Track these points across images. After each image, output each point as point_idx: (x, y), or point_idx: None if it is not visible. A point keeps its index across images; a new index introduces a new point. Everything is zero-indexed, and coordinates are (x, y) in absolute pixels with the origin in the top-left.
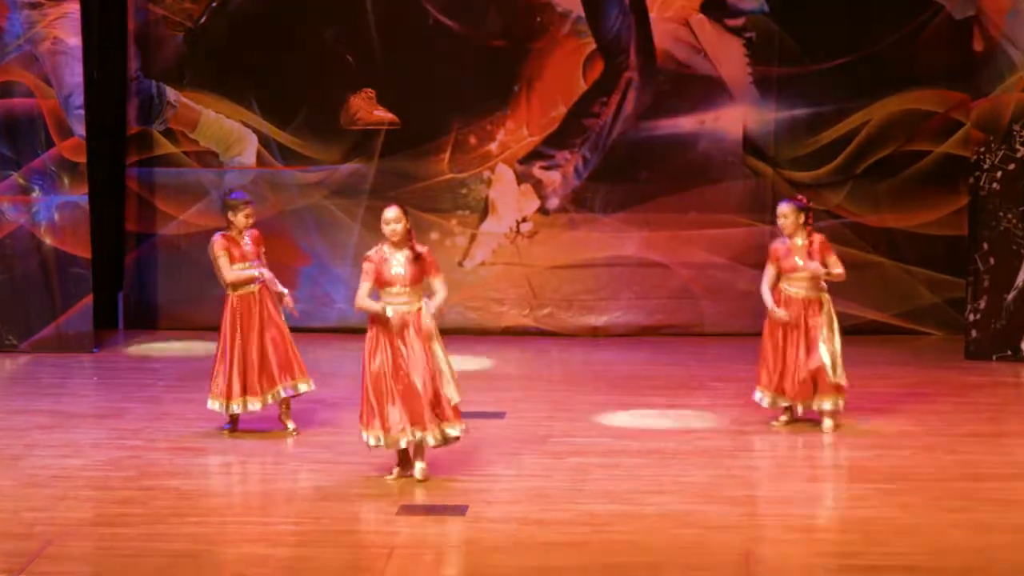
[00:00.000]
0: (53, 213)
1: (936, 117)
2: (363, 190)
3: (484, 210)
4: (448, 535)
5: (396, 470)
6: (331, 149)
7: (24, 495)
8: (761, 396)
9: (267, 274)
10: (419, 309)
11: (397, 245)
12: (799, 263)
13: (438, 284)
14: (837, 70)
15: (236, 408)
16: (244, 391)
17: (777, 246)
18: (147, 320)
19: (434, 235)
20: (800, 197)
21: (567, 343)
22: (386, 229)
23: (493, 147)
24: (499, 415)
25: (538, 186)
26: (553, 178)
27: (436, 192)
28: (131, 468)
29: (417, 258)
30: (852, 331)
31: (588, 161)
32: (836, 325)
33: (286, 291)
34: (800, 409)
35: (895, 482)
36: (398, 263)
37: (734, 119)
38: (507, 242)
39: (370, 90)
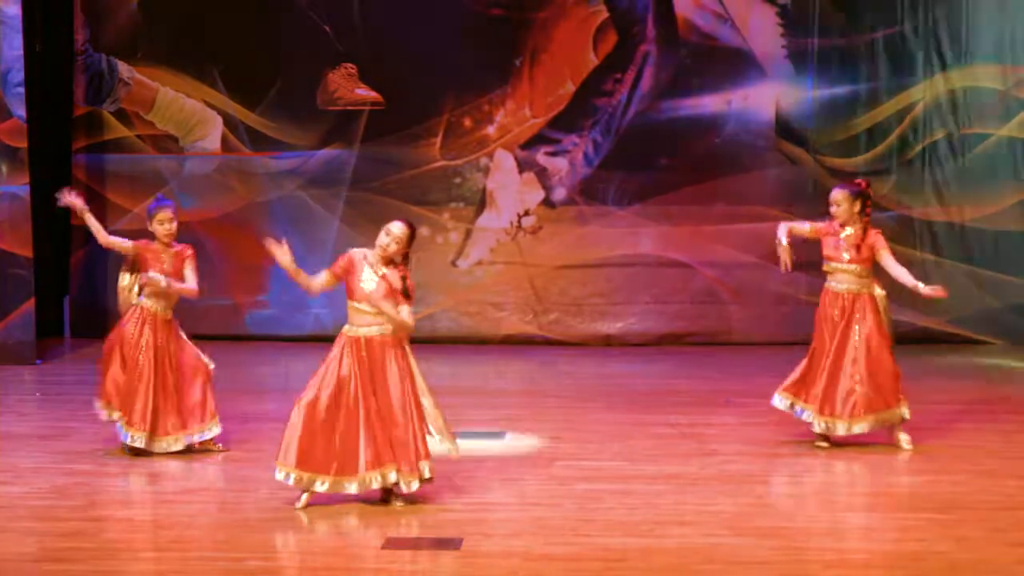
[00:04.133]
0: None
1: (997, 95)
2: (343, 179)
3: (481, 202)
4: (440, 572)
5: (306, 496)
6: (306, 133)
7: None
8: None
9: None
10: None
11: (386, 262)
12: (845, 257)
13: (406, 312)
14: (883, 42)
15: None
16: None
17: (824, 224)
18: (96, 328)
19: (424, 230)
20: (858, 181)
21: (576, 353)
22: (384, 240)
23: (491, 130)
24: (498, 435)
25: (542, 175)
26: (559, 166)
27: (426, 182)
28: (78, 496)
29: (400, 280)
30: (900, 339)
31: (599, 146)
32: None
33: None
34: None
35: (950, 512)
36: (373, 278)
37: (765, 98)
38: (507, 239)
39: (351, 65)
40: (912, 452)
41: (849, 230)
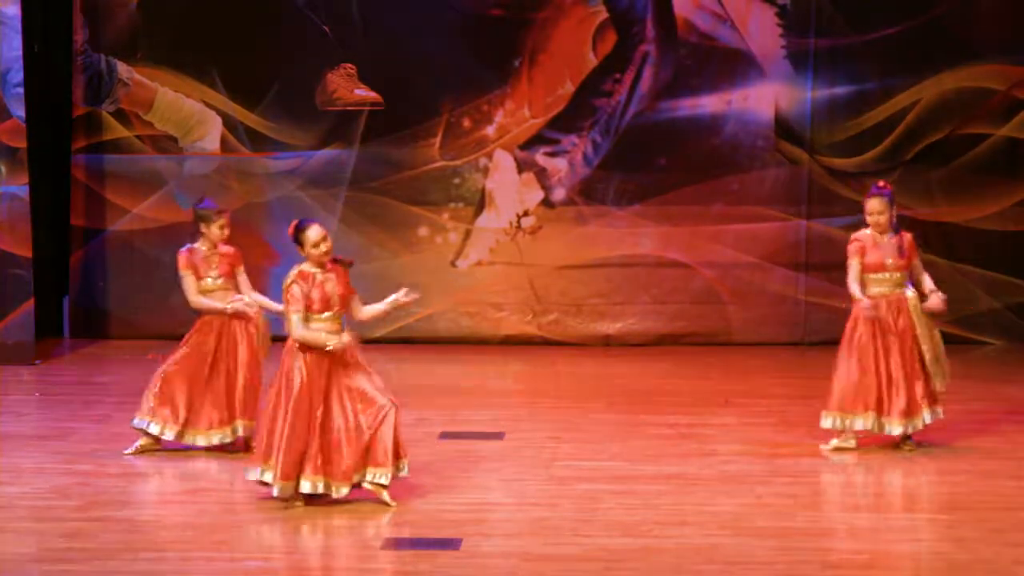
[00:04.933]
0: None
1: (997, 96)
2: (342, 179)
3: (480, 202)
4: (439, 572)
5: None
6: (306, 133)
7: None
8: (854, 420)
9: (240, 305)
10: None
11: (323, 266)
12: (888, 262)
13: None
14: (883, 42)
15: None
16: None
17: (862, 238)
18: (95, 328)
19: (423, 231)
20: (884, 185)
21: (575, 353)
22: (316, 252)
23: (490, 131)
24: (498, 435)
25: (542, 175)
26: (559, 166)
27: (426, 182)
28: (78, 496)
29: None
30: None
31: (599, 146)
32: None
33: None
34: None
35: (950, 512)
36: (330, 283)
37: (765, 98)
38: (507, 239)
39: (350, 65)
40: (911, 453)
41: (886, 237)
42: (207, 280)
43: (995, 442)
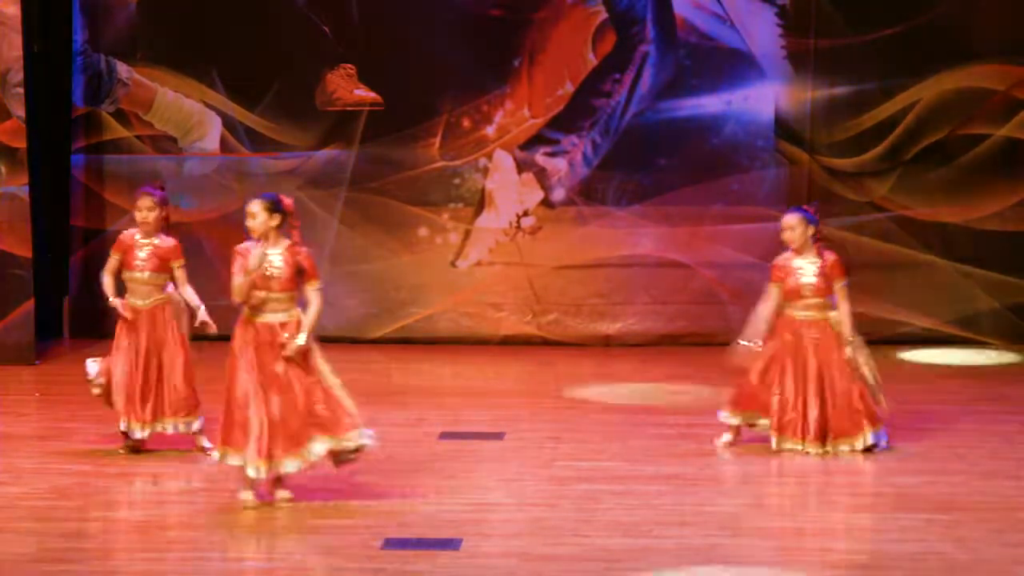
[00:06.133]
0: None
1: (996, 96)
2: (342, 180)
3: (480, 203)
4: (438, 572)
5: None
6: (305, 133)
7: None
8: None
9: (116, 304)
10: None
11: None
12: (808, 285)
13: (313, 291)
14: (883, 42)
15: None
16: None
17: (781, 263)
18: (95, 328)
19: (423, 231)
20: (809, 208)
21: (575, 354)
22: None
23: (490, 131)
24: (497, 436)
25: (541, 175)
26: (559, 166)
27: (425, 182)
28: (78, 496)
29: (296, 256)
30: (900, 340)
31: (598, 146)
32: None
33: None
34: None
35: (949, 512)
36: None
37: (765, 98)
38: (506, 239)
39: (349, 66)
40: (911, 453)
41: (807, 259)
42: (134, 272)
43: (994, 442)
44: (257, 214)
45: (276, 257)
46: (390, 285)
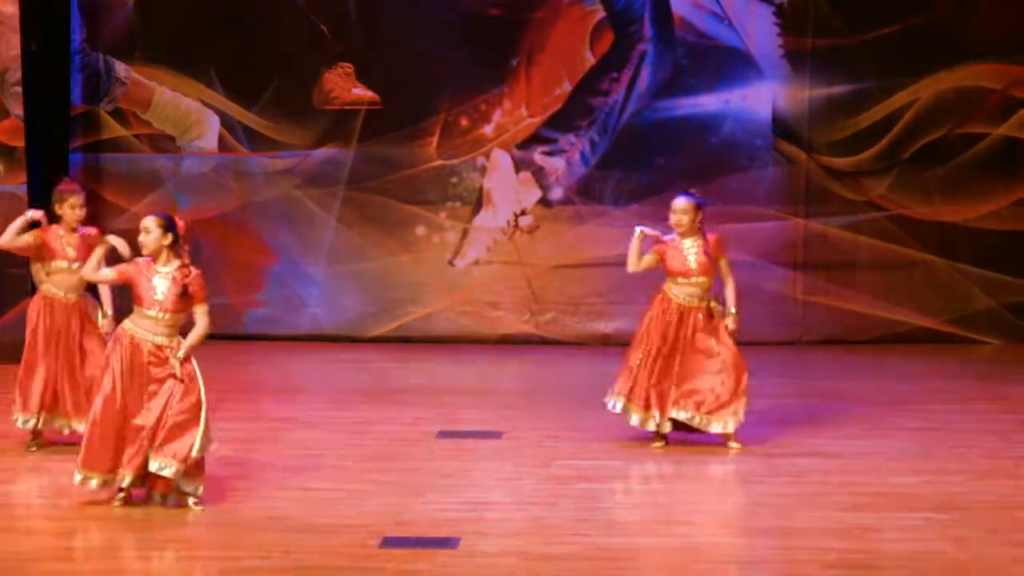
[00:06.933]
0: None
1: (994, 95)
2: (340, 179)
3: (478, 202)
4: (437, 571)
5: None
6: (303, 132)
7: None
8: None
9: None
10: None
11: (158, 259)
12: (692, 266)
13: (201, 314)
14: (880, 42)
15: (23, 423)
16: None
17: (666, 241)
18: None
19: (421, 230)
20: (695, 192)
21: (573, 353)
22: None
23: (488, 130)
24: (495, 435)
25: (539, 174)
26: (556, 165)
27: (423, 181)
28: (77, 495)
29: (185, 279)
30: (897, 339)
31: (596, 145)
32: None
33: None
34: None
35: (947, 511)
36: (161, 282)
37: (763, 98)
38: (504, 238)
39: (347, 65)
40: (911, 451)
41: (690, 241)
42: (62, 263)
43: (994, 441)
44: (151, 230)
45: (163, 278)
46: (388, 284)
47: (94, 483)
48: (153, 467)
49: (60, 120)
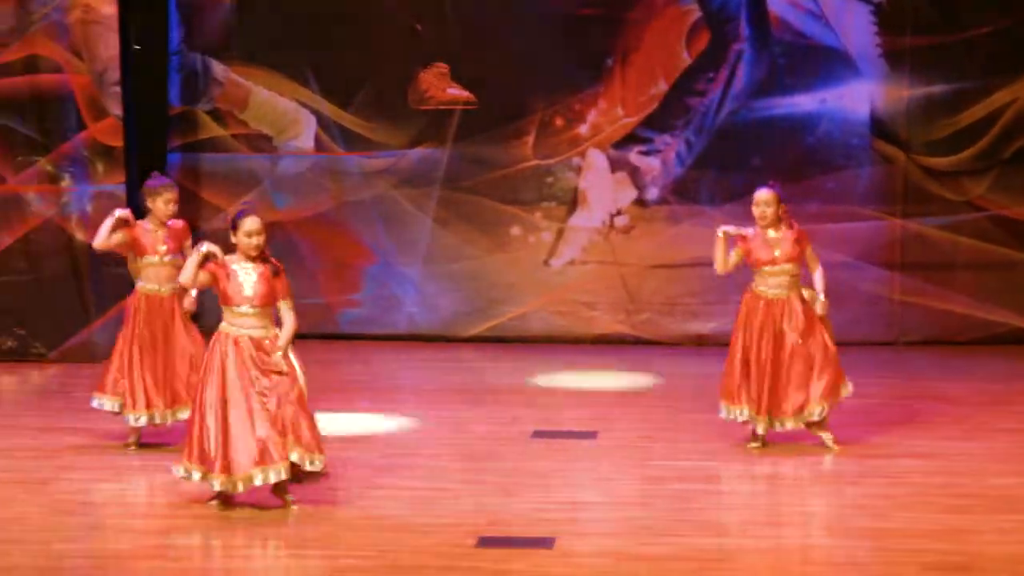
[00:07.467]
0: (86, 204)
1: None
2: (435, 179)
3: (573, 201)
4: (533, 571)
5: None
6: (399, 132)
7: (53, 524)
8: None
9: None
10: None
11: (252, 258)
12: (777, 254)
13: (286, 310)
14: (980, 40)
15: (134, 420)
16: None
17: (748, 235)
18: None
19: (516, 230)
20: (775, 183)
21: (668, 353)
22: (248, 242)
23: (583, 130)
24: (590, 435)
25: (635, 174)
26: (652, 165)
27: (518, 181)
28: (175, 494)
29: (275, 274)
30: (996, 340)
31: (692, 145)
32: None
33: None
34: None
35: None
36: (248, 278)
37: (860, 97)
38: (599, 238)
39: (442, 64)
40: (1012, 454)
41: (772, 233)
42: (153, 257)
43: None
44: (263, 232)
45: (248, 273)
46: (483, 284)
47: (196, 477)
48: (304, 464)
49: (158, 120)
